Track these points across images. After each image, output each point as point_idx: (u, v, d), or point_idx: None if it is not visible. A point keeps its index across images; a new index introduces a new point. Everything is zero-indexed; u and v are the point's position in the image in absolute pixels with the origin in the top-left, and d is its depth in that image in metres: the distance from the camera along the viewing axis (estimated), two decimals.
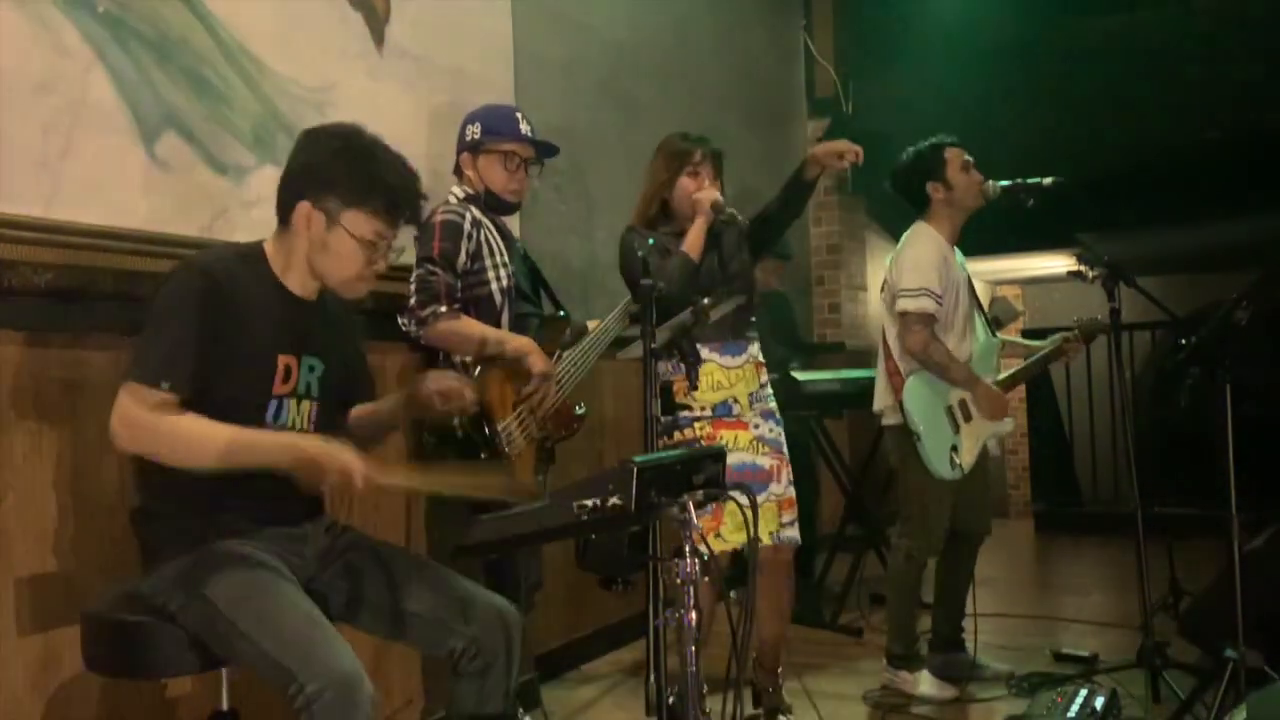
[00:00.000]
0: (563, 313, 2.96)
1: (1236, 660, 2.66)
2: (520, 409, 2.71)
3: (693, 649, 1.82)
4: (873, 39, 6.26)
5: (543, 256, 3.37)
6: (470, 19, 3.53)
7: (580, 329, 2.98)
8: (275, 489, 1.98)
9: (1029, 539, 6.98)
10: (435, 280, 2.71)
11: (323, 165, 1.96)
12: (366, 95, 3.05)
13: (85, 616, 1.95)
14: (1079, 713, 2.74)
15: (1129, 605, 4.06)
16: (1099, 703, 2.78)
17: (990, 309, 3.60)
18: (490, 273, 2.83)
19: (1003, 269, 8.49)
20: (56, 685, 2.20)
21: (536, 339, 2.76)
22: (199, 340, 1.85)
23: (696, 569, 1.80)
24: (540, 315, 2.96)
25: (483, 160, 2.91)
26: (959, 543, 3.45)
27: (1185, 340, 2.89)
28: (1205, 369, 2.85)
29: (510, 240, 2.96)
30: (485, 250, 2.83)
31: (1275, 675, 2.71)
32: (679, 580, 1.81)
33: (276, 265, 2.02)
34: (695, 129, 3.09)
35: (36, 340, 2.21)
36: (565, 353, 2.88)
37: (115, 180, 2.40)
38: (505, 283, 2.85)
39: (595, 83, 4.29)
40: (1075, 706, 2.76)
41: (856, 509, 4.87)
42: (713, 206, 2.90)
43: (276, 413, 1.98)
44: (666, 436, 2.91)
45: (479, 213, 2.85)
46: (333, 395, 2.10)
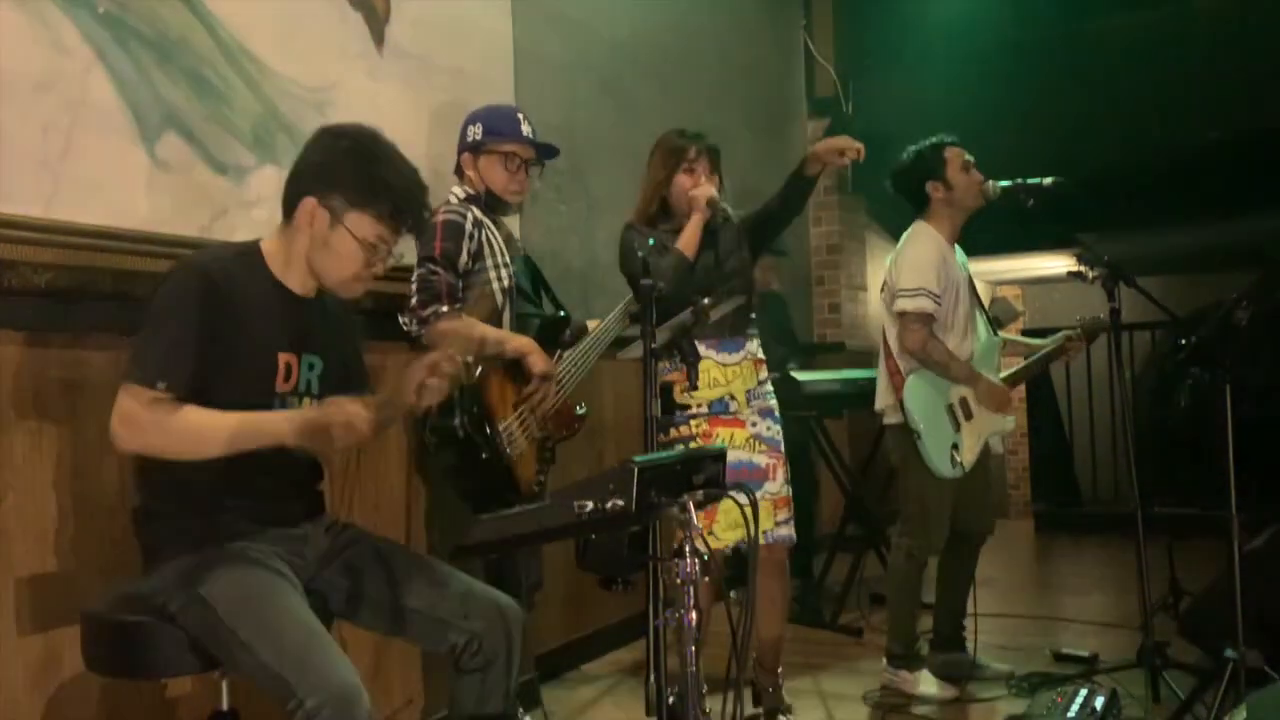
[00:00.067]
0: (563, 313, 2.96)
1: (1236, 660, 2.66)
2: (521, 409, 2.72)
3: (693, 649, 1.82)
4: (873, 39, 6.26)
5: (543, 256, 3.38)
6: (470, 19, 3.53)
7: (580, 329, 2.98)
8: (275, 489, 1.99)
9: (1029, 539, 6.98)
10: (437, 280, 2.71)
11: (333, 163, 1.96)
12: (366, 95, 3.05)
13: (85, 616, 1.94)
14: (1079, 713, 2.74)
15: (1129, 605, 4.06)
16: (1099, 703, 2.78)
17: (990, 309, 3.60)
18: (491, 272, 2.83)
19: (1003, 269, 8.49)
20: (56, 685, 2.20)
21: (536, 339, 2.77)
22: (197, 340, 1.85)
23: (696, 569, 1.80)
24: (541, 315, 2.96)
25: (484, 161, 2.91)
26: (960, 542, 3.45)
27: (1185, 340, 2.89)
28: (1205, 369, 2.85)
29: (511, 240, 2.96)
30: (486, 250, 2.83)
31: (1275, 675, 2.71)
32: (679, 580, 1.81)
33: (276, 263, 2.01)
34: (695, 129, 3.09)
35: (36, 340, 2.21)
36: (565, 353, 2.88)
37: (115, 180, 2.39)
38: (506, 283, 2.85)
39: (595, 83, 4.29)
40: (1075, 706, 2.76)
41: (856, 509, 4.87)
42: (708, 203, 2.89)
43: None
44: (662, 434, 2.90)
45: (480, 213, 2.85)
46: (331, 392, 2.10)
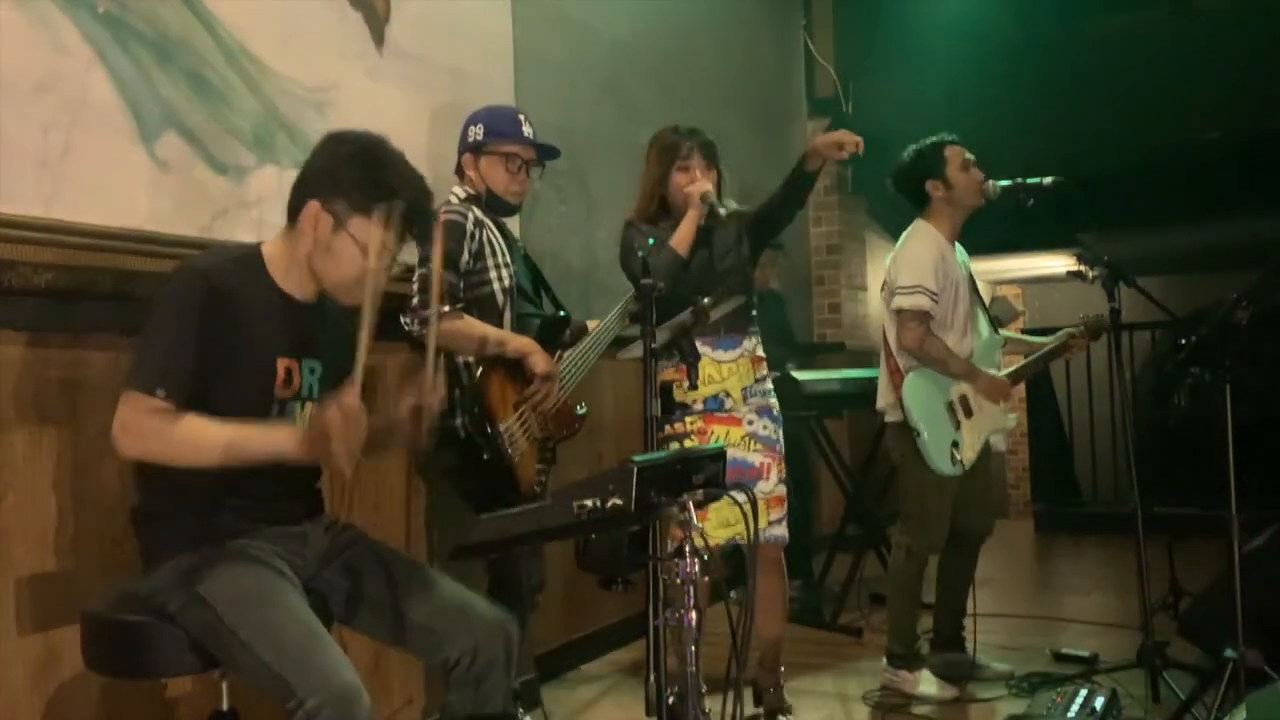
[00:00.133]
0: (563, 313, 2.96)
1: (1236, 660, 2.66)
2: (522, 409, 2.72)
3: (692, 649, 1.82)
4: (873, 39, 6.26)
5: (543, 256, 3.38)
6: (470, 19, 3.52)
7: (580, 329, 2.98)
8: (275, 489, 1.99)
9: (1029, 539, 6.98)
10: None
11: (337, 168, 1.96)
12: (366, 95, 3.05)
13: (85, 616, 1.94)
14: (1079, 713, 2.74)
15: (1129, 605, 4.06)
16: (1099, 703, 2.78)
17: (990, 309, 3.60)
18: (492, 273, 2.83)
19: (1003, 269, 8.50)
20: (56, 685, 2.20)
21: (536, 339, 2.76)
22: (197, 346, 1.85)
23: (696, 569, 1.80)
24: (541, 315, 2.96)
25: (485, 161, 2.91)
26: (960, 542, 3.45)
27: (1185, 340, 2.89)
28: (1205, 369, 2.85)
29: (511, 241, 2.96)
30: (488, 250, 2.83)
31: (1275, 675, 2.71)
32: (679, 580, 1.81)
33: (277, 267, 2.01)
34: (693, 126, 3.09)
35: (36, 340, 2.21)
36: (565, 353, 2.88)
37: (115, 180, 2.39)
38: (507, 283, 2.84)
39: (595, 83, 4.28)
40: (1075, 706, 2.77)
41: (856, 509, 4.87)
42: (701, 199, 2.87)
43: (280, 415, 1.98)
44: (658, 431, 2.89)
45: (480, 213, 2.85)
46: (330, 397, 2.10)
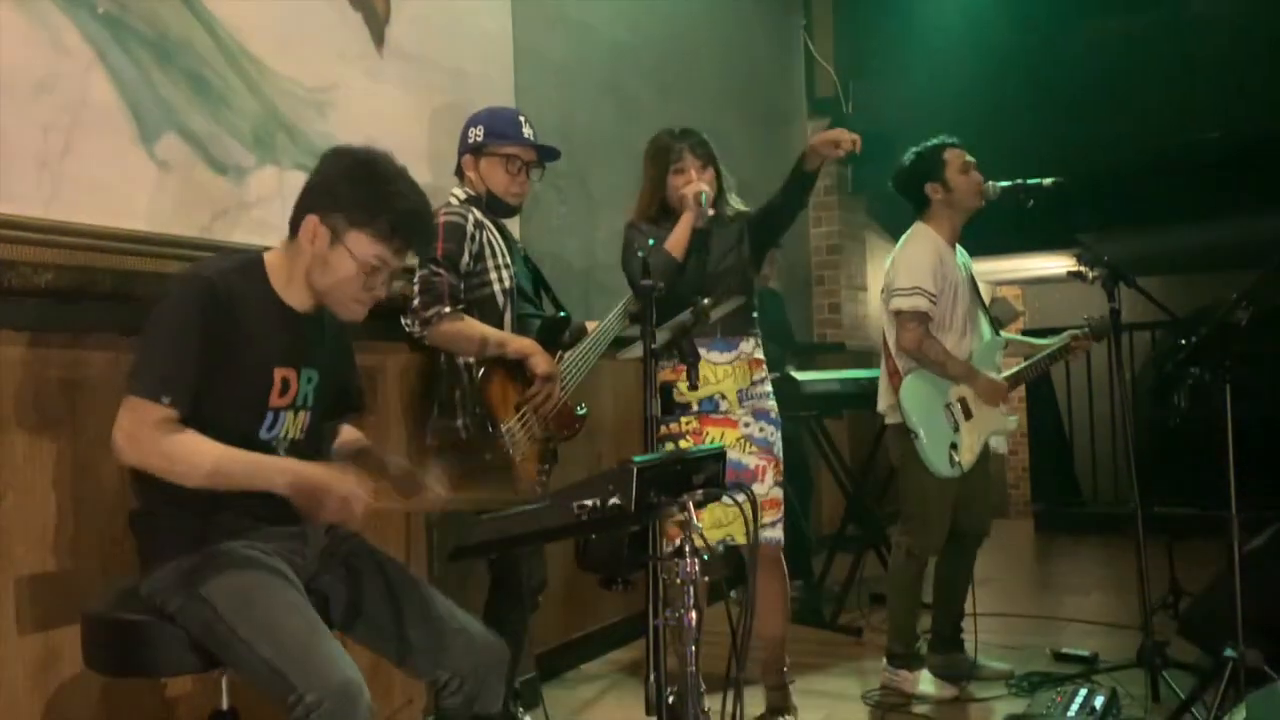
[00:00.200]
0: (563, 313, 2.96)
1: (1236, 660, 2.66)
2: (523, 410, 2.72)
3: (692, 649, 1.82)
4: (873, 39, 6.27)
5: (543, 257, 3.37)
6: (470, 19, 3.52)
7: (579, 330, 2.98)
8: None
9: (1029, 539, 6.98)
10: (439, 281, 2.71)
11: (336, 182, 1.96)
12: (366, 96, 3.05)
13: (85, 616, 1.94)
14: (1079, 712, 2.74)
15: (1129, 605, 4.06)
16: (1099, 702, 2.79)
17: (990, 309, 3.60)
18: (493, 274, 2.83)
19: (1003, 269, 8.49)
20: (56, 685, 2.20)
21: (537, 340, 2.77)
22: (200, 353, 1.85)
23: (696, 569, 1.80)
24: (542, 316, 2.96)
25: (485, 163, 2.91)
26: (958, 542, 3.46)
27: (1185, 340, 2.89)
28: (1205, 369, 2.85)
29: (511, 241, 2.97)
30: (488, 251, 2.83)
31: (1275, 675, 2.71)
32: (678, 580, 1.81)
33: (278, 278, 2.01)
34: (694, 128, 3.07)
35: (36, 340, 2.21)
36: (566, 353, 2.88)
37: (115, 180, 2.39)
38: (507, 284, 2.85)
39: (595, 83, 4.29)
40: (1075, 706, 2.77)
41: (856, 509, 4.87)
42: (695, 199, 2.87)
43: (272, 424, 1.98)
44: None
45: (480, 214, 2.86)
46: (324, 405, 2.11)
